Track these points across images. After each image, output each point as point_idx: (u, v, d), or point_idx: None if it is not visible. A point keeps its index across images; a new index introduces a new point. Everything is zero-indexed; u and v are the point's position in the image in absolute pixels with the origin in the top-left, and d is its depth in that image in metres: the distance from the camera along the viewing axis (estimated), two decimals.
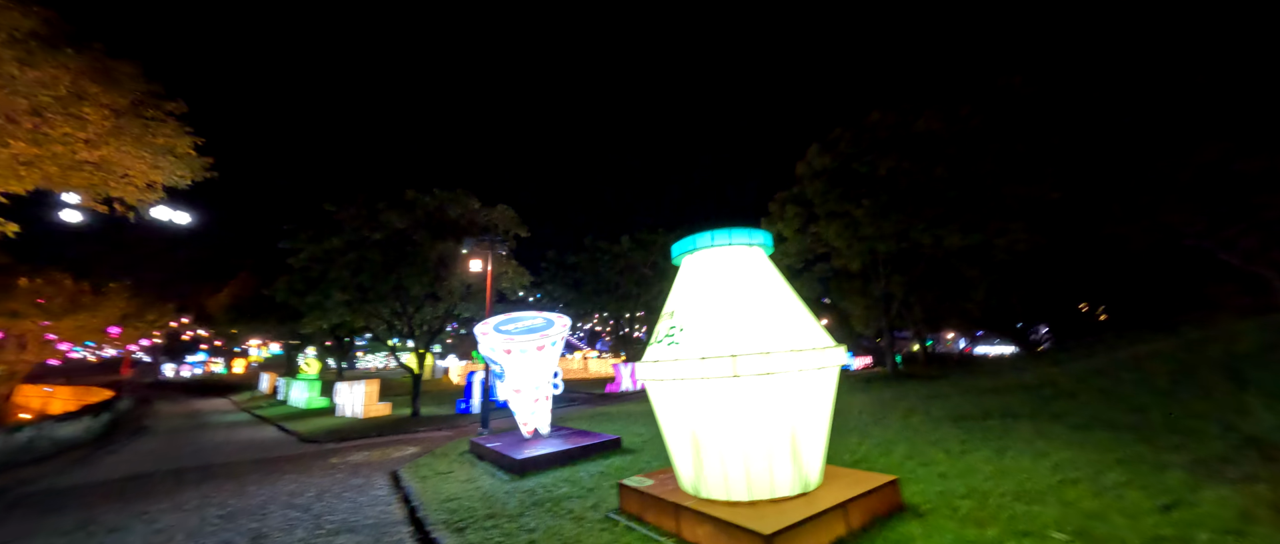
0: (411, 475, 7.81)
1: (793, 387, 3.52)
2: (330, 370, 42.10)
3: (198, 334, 64.77)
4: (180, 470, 10.46)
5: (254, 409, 26.32)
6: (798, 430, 3.57)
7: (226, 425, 19.87)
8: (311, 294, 15.34)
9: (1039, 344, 59.69)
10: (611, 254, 27.86)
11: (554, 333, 7.38)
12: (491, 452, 7.55)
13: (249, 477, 9.31)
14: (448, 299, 15.70)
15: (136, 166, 12.92)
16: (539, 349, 7.29)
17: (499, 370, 7.54)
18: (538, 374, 7.55)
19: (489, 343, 7.20)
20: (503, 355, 7.24)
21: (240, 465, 10.63)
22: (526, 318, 8.05)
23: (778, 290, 4.06)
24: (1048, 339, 58.93)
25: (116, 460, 12.64)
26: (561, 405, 19.71)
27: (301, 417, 20.80)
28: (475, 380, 18.00)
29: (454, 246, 15.54)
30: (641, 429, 10.07)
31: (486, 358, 7.63)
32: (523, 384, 7.56)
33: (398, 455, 10.66)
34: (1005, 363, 17.71)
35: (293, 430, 16.59)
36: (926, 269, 19.27)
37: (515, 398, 7.72)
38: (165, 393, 42.68)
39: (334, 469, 9.46)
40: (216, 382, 52.84)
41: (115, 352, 48.23)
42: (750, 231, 4.28)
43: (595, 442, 7.24)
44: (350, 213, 14.90)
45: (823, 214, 18.15)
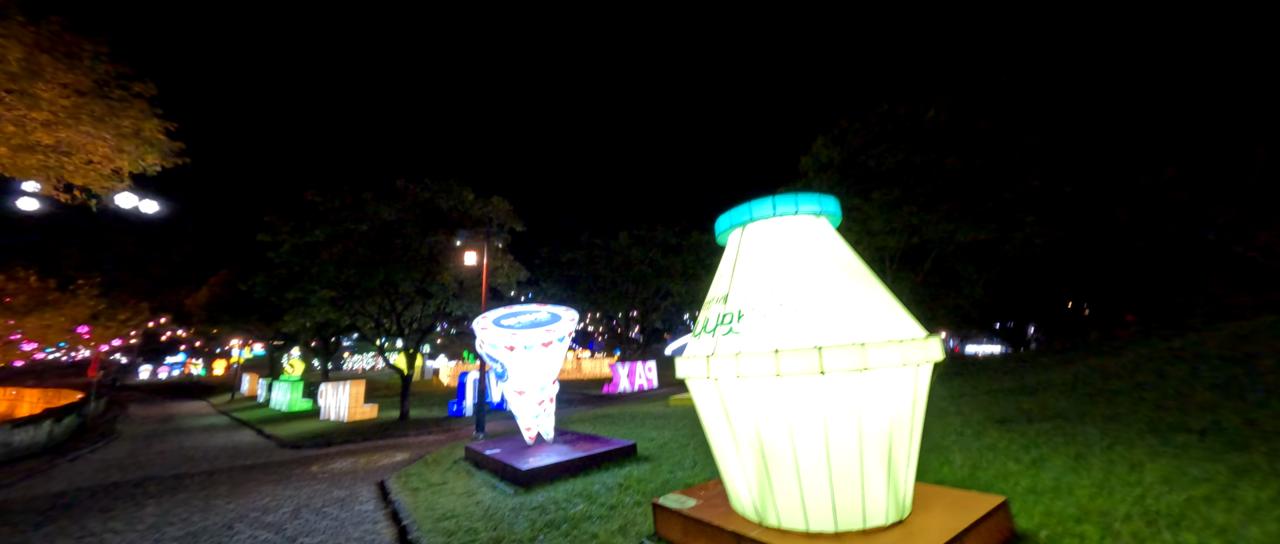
0: (401, 487, 6.98)
1: (891, 385, 2.82)
2: (315, 371, 40.72)
3: (176, 334, 62.63)
4: (144, 481, 9.49)
5: (233, 412, 25.09)
6: (895, 440, 2.86)
7: (202, 429, 18.73)
8: (293, 290, 14.35)
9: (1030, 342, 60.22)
10: (609, 251, 27.05)
11: (561, 328, 6.63)
12: (491, 460, 6.76)
13: (219, 488, 8.39)
14: (439, 296, 14.81)
15: (99, 150, 11.90)
16: (545, 345, 6.53)
17: (500, 369, 6.76)
18: (543, 373, 6.79)
19: (489, 338, 6.42)
20: (504, 353, 6.46)
21: (211, 475, 9.69)
22: (529, 311, 7.28)
23: (856, 268, 3.35)
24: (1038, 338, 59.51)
25: (75, 470, 11.58)
26: (559, 407, 18.89)
27: (283, 420, 19.72)
28: (469, 381, 17.11)
29: (446, 240, 14.66)
30: (652, 433, 9.33)
31: (486, 356, 6.85)
32: (527, 385, 6.79)
33: (386, 463, 9.80)
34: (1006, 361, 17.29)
35: (272, 435, 15.58)
36: (931, 267, 18.82)
37: (518, 400, 6.94)
38: (140, 395, 40.95)
39: (314, 479, 8.58)
40: (195, 383, 50.98)
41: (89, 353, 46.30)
42: (819, 198, 3.56)
43: (607, 449, 6.48)
44: (335, 203, 13.95)
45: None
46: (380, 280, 14.32)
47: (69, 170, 12.06)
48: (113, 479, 10.00)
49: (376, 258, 14.33)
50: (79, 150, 11.56)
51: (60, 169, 11.68)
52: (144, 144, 12.56)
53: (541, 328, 6.56)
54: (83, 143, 11.53)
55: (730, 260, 3.65)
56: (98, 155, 12.00)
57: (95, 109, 11.13)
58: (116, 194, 12.25)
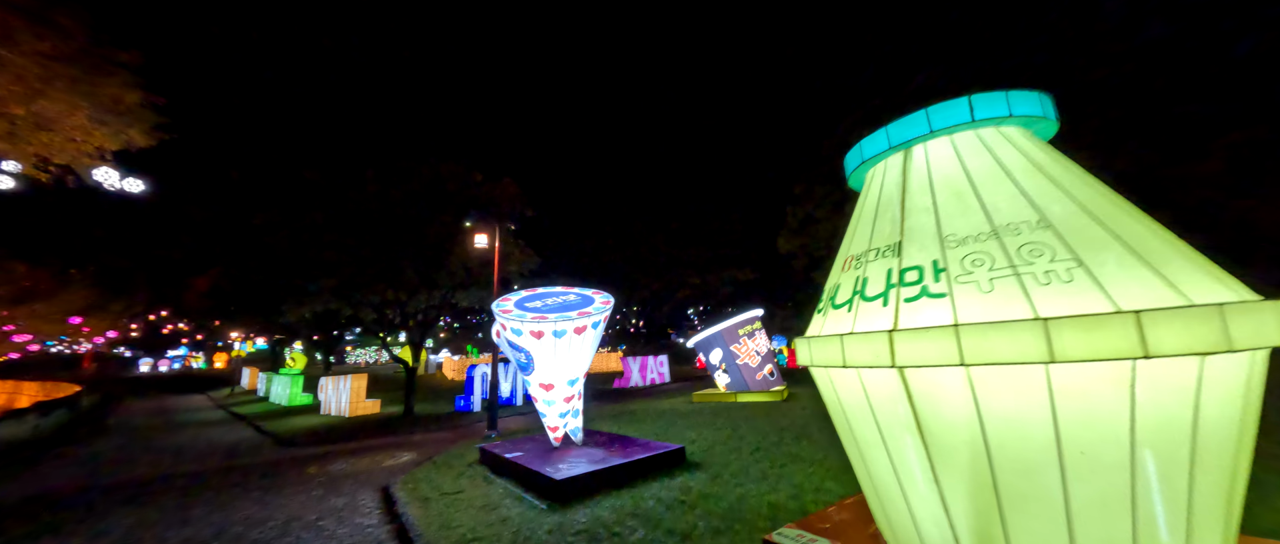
0: (409, 495, 6.02)
1: (1229, 377, 1.79)
2: (317, 365, 39.92)
3: (178, 328, 61.99)
4: (121, 485, 8.56)
5: (232, 406, 24.28)
6: (1237, 469, 1.84)
7: (197, 425, 17.87)
8: (289, 275, 13.37)
9: None
10: (625, 236, 26.00)
11: (597, 311, 5.65)
12: (514, 465, 5.79)
13: (202, 494, 7.45)
14: (445, 284, 13.81)
15: (76, 121, 10.87)
16: (579, 331, 5.55)
17: (523, 360, 5.78)
18: (575, 364, 5.81)
19: (513, 323, 5.43)
20: (530, 340, 5.48)
21: (197, 477, 8.76)
22: (555, 293, 6.29)
23: (1116, 198, 2.28)
24: None
25: (56, 469, 10.68)
26: None
27: (282, 415, 18.87)
28: (477, 375, 16.17)
29: (453, 223, 13.65)
30: (690, 433, 8.36)
31: (506, 345, 5.87)
32: (556, 377, 5.80)
33: (390, 464, 8.85)
34: None
35: (269, 431, 14.70)
36: None
37: (544, 396, 5.96)
38: (139, 389, 40.27)
39: (310, 483, 7.63)
40: (196, 376, 50.32)
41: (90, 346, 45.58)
42: (1035, 95, 2.51)
43: (651, 454, 5.50)
44: (335, 183, 12.94)
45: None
46: (383, 266, 13.33)
47: (45, 143, 11.05)
48: (90, 481, 9.08)
49: (379, 242, 13.34)
50: (55, 123, 10.55)
51: (35, 142, 10.67)
52: (126, 116, 11.54)
53: (574, 311, 5.57)
54: (58, 114, 10.52)
55: (891, 197, 2.62)
56: (75, 128, 10.99)
57: (72, 75, 10.10)
58: (93, 169, 11.28)
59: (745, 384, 13.14)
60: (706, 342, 13.43)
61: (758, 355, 13.24)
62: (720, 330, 13.22)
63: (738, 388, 13.25)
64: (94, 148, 11.67)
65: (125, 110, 11.45)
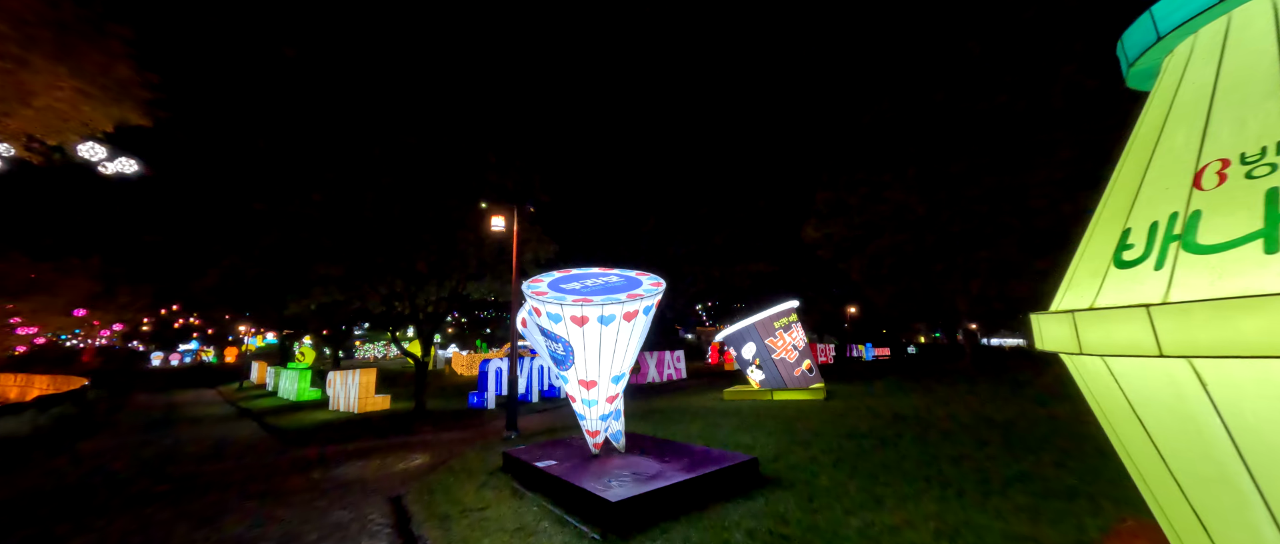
0: (424, 511, 5.12)
1: None
2: (326, 360, 39.47)
3: (190, 322, 62.08)
4: (106, 488, 7.77)
5: (240, 401, 23.68)
6: None
7: (202, 420, 17.21)
8: (292, 264, 12.56)
9: None
10: (635, 234, 25.01)
11: (648, 293, 4.69)
12: (548, 477, 4.86)
13: (191, 506, 6.62)
14: (456, 272, 12.92)
15: (63, 95, 10.03)
16: (630, 317, 4.60)
17: (560, 351, 4.82)
18: (623, 356, 4.87)
19: (549, 307, 4.47)
20: (570, 328, 4.53)
21: (191, 481, 7.95)
22: (594, 274, 5.35)
23: None
24: None
25: (42, 471, 9.94)
26: None
27: (290, 410, 18.16)
28: (490, 370, 15.31)
29: (463, 207, 12.74)
30: (743, 437, 7.42)
31: (540, 334, 4.92)
32: (599, 372, 4.86)
33: (401, 468, 7.98)
34: None
35: (275, 427, 13.96)
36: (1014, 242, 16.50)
37: (584, 395, 5.02)
38: (148, 383, 40.09)
39: (313, 491, 6.78)
40: (206, 370, 50.22)
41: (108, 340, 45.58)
42: None
43: (721, 467, 4.53)
44: (338, 163, 12.08)
45: (893, 177, 15.37)
46: (390, 254, 12.46)
47: (31, 118, 10.24)
48: (71, 485, 8.31)
49: (385, 227, 12.47)
50: (37, 96, 9.73)
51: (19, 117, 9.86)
52: (115, 90, 10.70)
53: (622, 293, 4.62)
54: (42, 85, 9.68)
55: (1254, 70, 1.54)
56: (62, 101, 10.16)
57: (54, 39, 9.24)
58: (82, 147, 10.51)
59: (782, 381, 12.15)
60: (738, 335, 12.43)
61: (795, 350, 12.23)
62: (754, 323, 12.22)
63: (773, 385, 12.26)
64: (82, 124, 10.86)
65: (115, 83, 10.62)
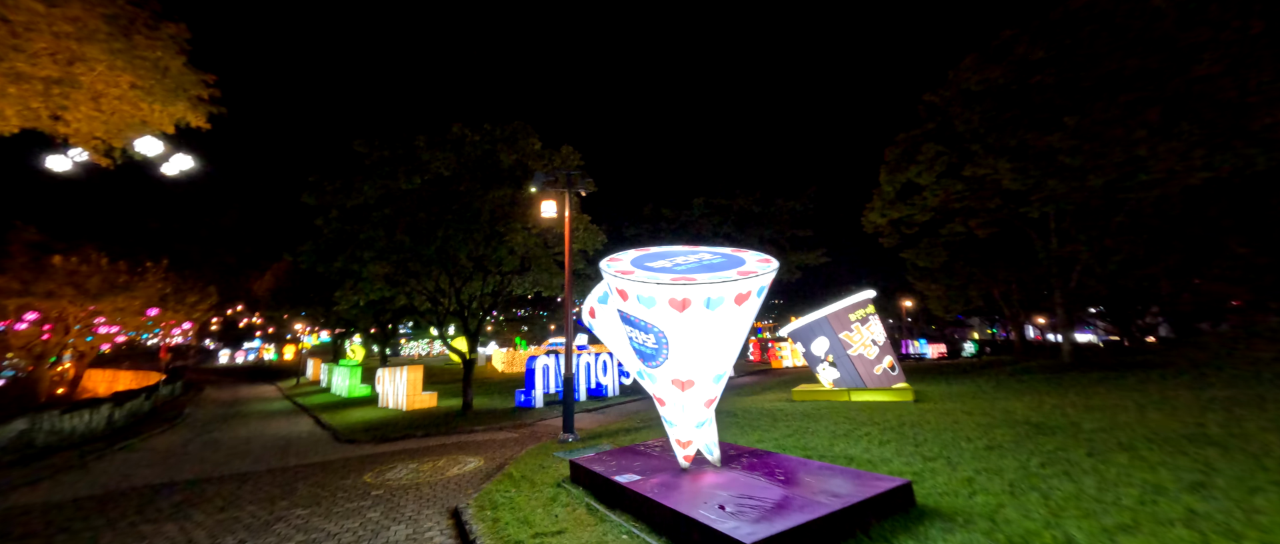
0: (491, 535, 4.35)
1: None
2: (375, 357, 40.75)
3: (252, 321, 66.10)
4: (165, 489, 7.57)
5: (296, 397, 24.48)
6: None
7: (263, 416, 17.65)
8: (341, 258, 12.36)
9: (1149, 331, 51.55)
10: (678, 222, 23.93)
11: (762, 270, 3.69)
12: (636, 497, 3.98)
13: (244, 507, 6.21)
14: (507, 262, 12.36)
15: (120, 87, 10.04)
16: (741, 299, 3.63)
17: (650, 344, 3.87)
18: (730, 348, 3.91)
19: (640, 287, 3.52)
20: (666, 313, 3.58)
21: (246, 481, 7.65)
22: (678, 252, 4.42)
23: None
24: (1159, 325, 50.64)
25: (112, 465, 10.08)
26: (623, 400, 16.27)
27: (342, 406, 18.39)
28: (538, 366, 14.74)
29: (510, 196, 12.16)
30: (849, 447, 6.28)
31: (624, 321, 4.02)
32: (698, 370, 3.92)
33: (455, 473, 7.38)
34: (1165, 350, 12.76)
35: (329, 424, 13.94)
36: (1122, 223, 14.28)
37: (677, 397, 4.10)
38: (217, 379, 42.73)
39: (365, 498, 6.22)
40: (267, 367, 53.26)
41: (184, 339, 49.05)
42: None
43: (871, 494, 3.50)
44: (384, 153, 11.74)
45: (983, 149, 13.55)
46: (436, 247, 12.04)
47: (93, 116, 10.32)
48: (136, 482, 8.21)
49: (432, 220, 12.06)
50: (97, 89, 9.75)
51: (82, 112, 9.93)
52: (172, 84, 10.67)
53: (729, 270, 3.65)
54: (100, 82, 9.69)
55: None
56: (121, 99, 10.18)
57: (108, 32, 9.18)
58: (140, 143, 10.57)
59: (859, 380, 10.85)
60: (808, 329, 11.22)
61: (874, 345, 10.90)
62: (826, 315, 10.97)
63: (850, 384, 10.98)
64: (142, 122, 10.93)
65: (172, 81, 10.60)
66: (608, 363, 16.62)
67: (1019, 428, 7.15)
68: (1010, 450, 5.85)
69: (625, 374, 17.73)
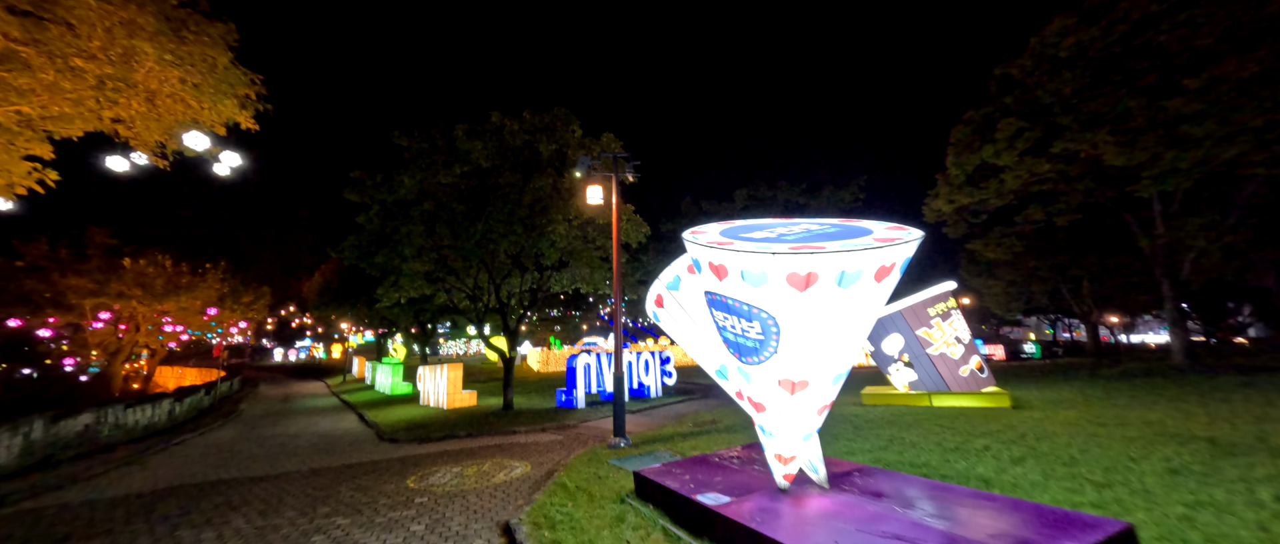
0: None
1: None
2: (415, 356, 41.70)
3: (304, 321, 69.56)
4: (210, 488, 7.36)
5: (343, 393, 25.07)
6: None
7: (311, 412, 17.96)
8: (381, 253, 12.18)
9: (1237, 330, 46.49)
10: (719, 216, 22.88)
11: (908, 237, 2.79)
12: (736, 528, 3.17)
13: (285, 512, 5.81)
14: (549, 255, 11.82)
15: (171, 84, 10.06)
16: (883, 274, 2.75)
17: (753, 334, 3.00)
18: (853, 339, 3.03)
19: (744, 261, 2.67)
20: (780, 293, 2.70)
21: (290, 482, 7.35)
22: (767, 225, 3.57)
23: None
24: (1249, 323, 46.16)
25: (168, 460, 10.16)
26: (668, 402, 15.43)
27: (385, 404, 18.49)
28: (579, 365, 14.16)
29: (551, 185, 11.60)
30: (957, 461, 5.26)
31: (721, 308, 3.18)
32: (815, 368, 3.06)
33: (502, 479, 6.79)
34: None
35: (372, 422, 13.87)
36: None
37: (785, 402, 3.24)
38: (272, 375, 44.90)
39: (408, 507, 5.70)
40: (317, 365, 55.71)
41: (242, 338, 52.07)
42: None
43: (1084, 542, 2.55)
44: (424, 145, 11.45)
45: (1077, 122, 11.89)
46: (476, 240, 11.63)
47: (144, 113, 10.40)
48: (186, 479, 8.09)
49: (471, 213, 11.67)
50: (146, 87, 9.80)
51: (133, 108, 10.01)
52: (221, 84, 10.66)
53: (858, 238, 2.79)
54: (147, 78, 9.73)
55: None
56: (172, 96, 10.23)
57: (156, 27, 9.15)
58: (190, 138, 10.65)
59: (942, 383, 9.61)
60: (880, 325, 10.06)
61: (958, 344, 9.63)
62: (901, 310, 9.79)
63: (931, 387, 9.75)
64: (192, 120, 11.01)
65: (220, 76, 10.59)
66: (649, 362, 15.88)
67: (1191, 445, 5.85)
68: (1206, 476, 4.65)
69: (668, 374, 16.93)
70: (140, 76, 9.39)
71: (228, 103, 10.97)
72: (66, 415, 10.72)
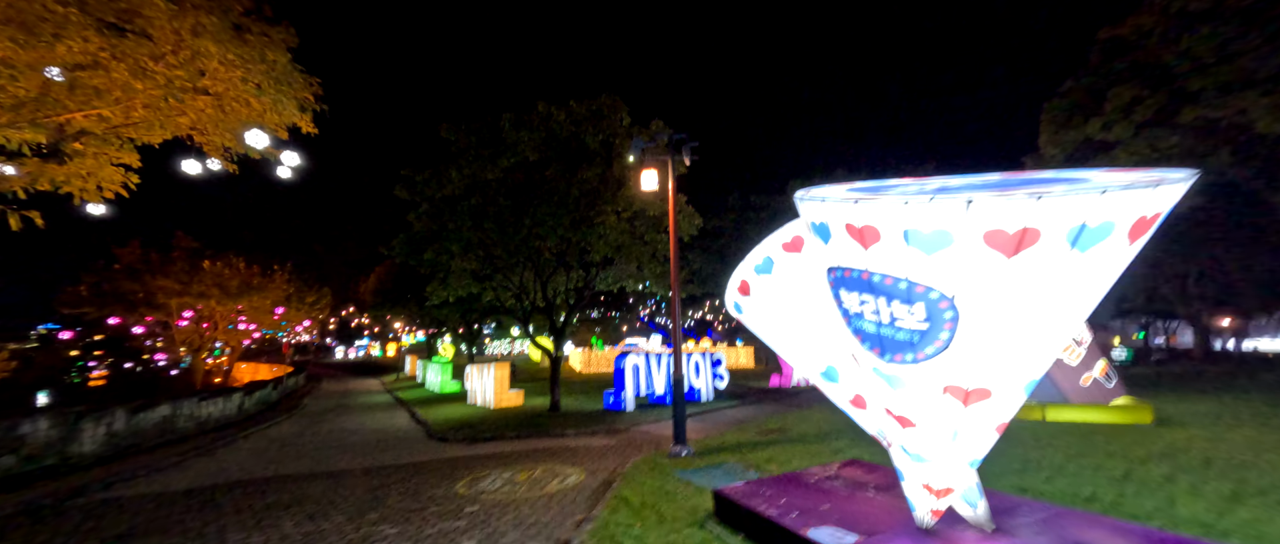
0: None
1: None
2: (463, 356, 42.89)
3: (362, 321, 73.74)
4: (266, 484, 7.27)
5: (396, 390, 25.87)
6: None
7: (366, 408, 18.45)
8: (429, 249, 12.09)
9: None
10: (770, 210, 21.64)
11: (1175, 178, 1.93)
12: None
13: (333, 516, 5.48)
14: (598, 248, 11.28)
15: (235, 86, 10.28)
16: (1138, 231, 1.90)
17: (913, 322, 2.16)
18: (1061, 327, 2.14)
19: (909, 220, 1.90)
20: (964, 262, 1.89)
21: (341, 481, 7.14)
22: (913, 184, 2.70)
23: None
24: None
25: (232, 453, 10.41)
26: (721, 406, 14.47)
27: (435, 401, 18.72)
28: (628, 366, 13.52)
29: (599, 177, 11.06)
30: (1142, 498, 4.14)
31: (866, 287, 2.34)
32: (1004, 369, 2.17)
33: (556, 489, 6.21)
34: None
35: (423, 419, 13.91)
36: None
37: (952, 415, 2.37)
38: (333, 372, 47.55)
39: (458, 517, 5.20)
40: (374, 363, 58.66)
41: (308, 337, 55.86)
42: None
43: None
44: (471, 139, 11.24)
45: (1215, 85, 9.95)
46: (522, 236, 11.27)
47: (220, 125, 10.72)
48: (247, 474, 8.12)
49: (517, 207, 11.32)
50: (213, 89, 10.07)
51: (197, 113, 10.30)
52: (282, 85, 10.83)
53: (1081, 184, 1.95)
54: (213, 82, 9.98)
55: None
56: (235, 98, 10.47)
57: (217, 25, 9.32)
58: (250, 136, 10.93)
59: (1058, 392, 8.16)
60: None
61: (1077, 346, 8.15)
62: None
63: (1043, 398, 8.32)
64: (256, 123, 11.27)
65: (282, 77, 10.76)
66: (700, 364, 15.03)
67: None
68: None
69: (720, 377, 15.99)
70: (206, 81, 9.61)
71: (289, 105, 11.12)
72: (146, 407, 11.29)
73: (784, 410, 12.76)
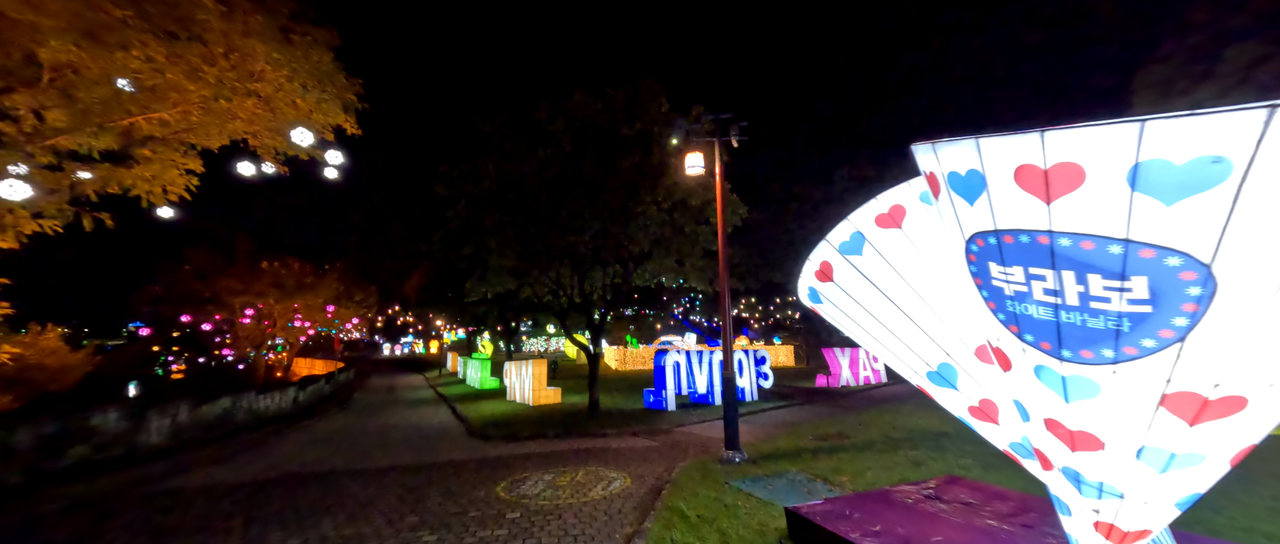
0: None
1: None
2: (501, 353, 43.71)
3: (406, 319, 76.94)
4: (310, 480, 7.23)
5: (438, 386, 26.49)
6: None
7: (409, 403, 18.84)
8: (468, 245, 12.00)
9: None
10: (812, 201, 20.50)
11: None
12: None
13: (373, 518, 5.25)
14: (639, 239, 10.82)
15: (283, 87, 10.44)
16: None
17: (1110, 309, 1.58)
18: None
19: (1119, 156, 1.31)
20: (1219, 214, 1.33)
21: (383, 479, 7.00)
22: None
23: None
24: None
25: (284, 445, 10.66)
26: (767, 407, 13.66)
27: (475, 398, 18.88)
28: (668, 364, 12.98)
29: (636, 166, 10.55)
30: None
31: (1030, 253, 1.76)
32: (1262, 374, 1.53)
33: (599, 494, 5.76)
34: None
35: (464, 416, 13.91)
36: None
37: (1175, 438, 1.71)
38: (380, 368, 49.64)
39: (500, 524, 4.84)
40: (418, 360, 60.92)
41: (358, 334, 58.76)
42: None
43: None
44: (507, 131, 11.03)
45: None
46: (559, 230, 10.94)
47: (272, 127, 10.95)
48: (295, 467, 8.19)
49: (554, 201, 11.00)
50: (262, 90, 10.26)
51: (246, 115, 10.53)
52: (326, 86, 10.94)
53: None
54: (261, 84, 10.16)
55: None
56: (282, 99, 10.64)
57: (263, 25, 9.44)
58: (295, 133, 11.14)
59: None
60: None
61: None
62: None
63: None
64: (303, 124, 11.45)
65: (325, 77, 10.87)
66: (743, 363, 14.28)
67: None
68: None
69: (764, 376, 15.18)
70: (255, 84, 9.77)
71: (333, 104, 11.22)
72: (207, 401, 11.79)
73: (837, 413, 11.86)
